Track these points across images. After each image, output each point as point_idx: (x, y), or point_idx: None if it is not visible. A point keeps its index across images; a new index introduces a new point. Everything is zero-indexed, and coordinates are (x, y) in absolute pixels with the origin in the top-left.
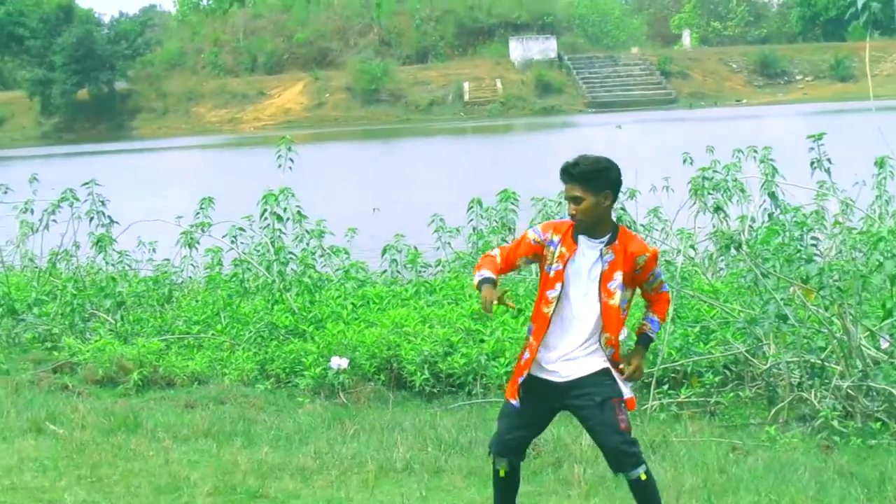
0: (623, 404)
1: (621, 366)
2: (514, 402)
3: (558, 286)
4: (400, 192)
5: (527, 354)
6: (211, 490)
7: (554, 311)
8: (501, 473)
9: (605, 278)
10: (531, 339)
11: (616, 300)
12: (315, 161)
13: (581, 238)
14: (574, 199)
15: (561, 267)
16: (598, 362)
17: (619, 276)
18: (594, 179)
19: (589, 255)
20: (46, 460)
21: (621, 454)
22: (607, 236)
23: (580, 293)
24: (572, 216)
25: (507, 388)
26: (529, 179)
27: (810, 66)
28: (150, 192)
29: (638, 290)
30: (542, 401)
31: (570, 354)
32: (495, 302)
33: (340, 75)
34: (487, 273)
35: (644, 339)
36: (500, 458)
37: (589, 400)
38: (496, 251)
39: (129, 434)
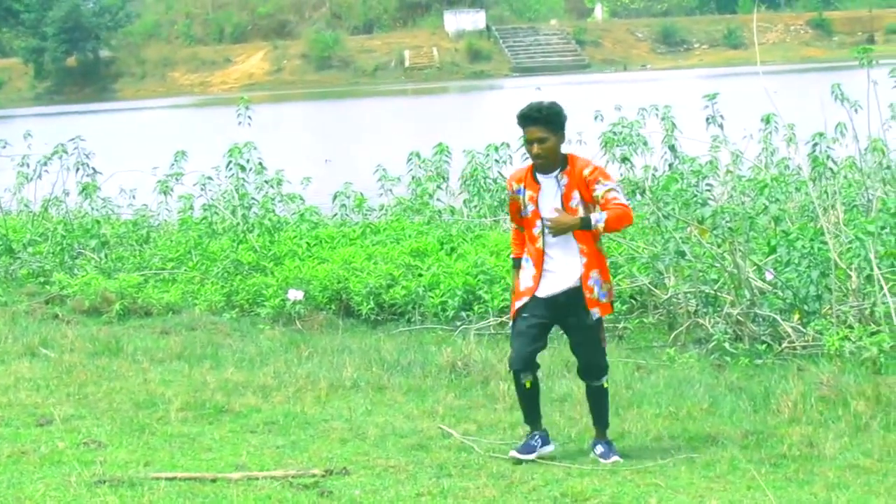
0: (603, 324)
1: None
2: (511, 323)
3: (538, 222)
4: (348, 145)
5: (529, 283)
6: (183, 405)
7: (543, 242)
8: (527, 385)
9: (565, 199)
10: (532, 269)
11: (580, 216)
12: (275, 119)
13: (539, 176)
14: (540, 140)
15: (534, 206)
16: (604, 290)
17: (576, 195)
18: (556, 120)
19: (549, 187)
20: (39, 380)
21: (596, 367)
22: (559, 168)
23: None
24: (537, 156)
25: (511, 313)
26: (461, 134)
27: (706, 35)
28: (130, 147)
29: None
30: (542, 317)
31: (564, 274)
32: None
33: (297, 44)
34: (514, 254)
35: (584, 218)
36: (524, 373)
37: (580, 319)
38: (512, 225)
39: (112, 357)
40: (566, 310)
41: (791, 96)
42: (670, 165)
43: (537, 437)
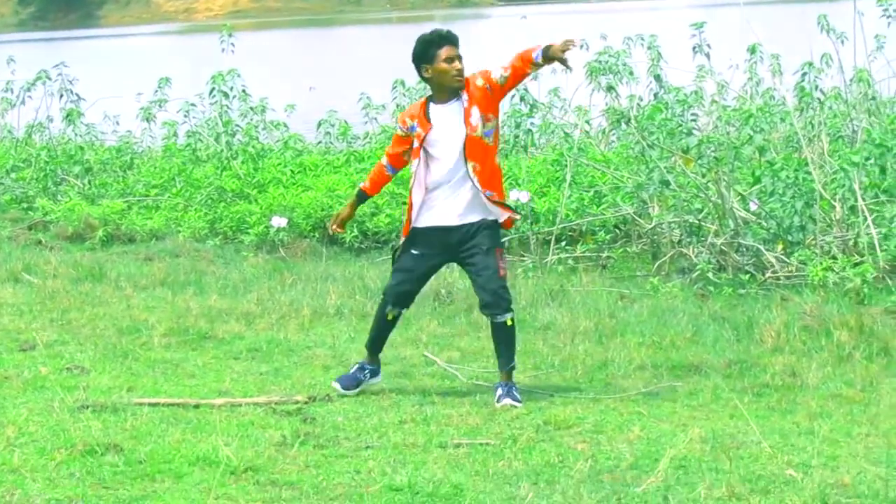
0: (504, 255)
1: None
2: (403, 246)
3: (416, 161)
4: (333, 73)
5: (418, 212)
6: (166, 331)
7: (428, 178)
8: (390, 318)
9: (466, 114)
10: (421, 201)
11: (479, 132)
12: (259, 47)
13: (437, 108)
14: (459, 58)
15: (418, 144)
16: (483, 211)
17: (475, 111)
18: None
19: (449, 113)
20: (23, 305)
21: (498, 297)
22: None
23: (448, 151)
24: (460, 72)
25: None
26: None
27: None
28: (114, 73)
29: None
30: (435, 255)
31: (453, 205)
32: (335, 226)
33: None
34: (362, 186)
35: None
36: (393, 306)
37: (477, 248)
38: (384, 158)
39: (95, 283)
40: (459, 244)
41: (777, 27)
42: (655, 95)
43: (367, 370)
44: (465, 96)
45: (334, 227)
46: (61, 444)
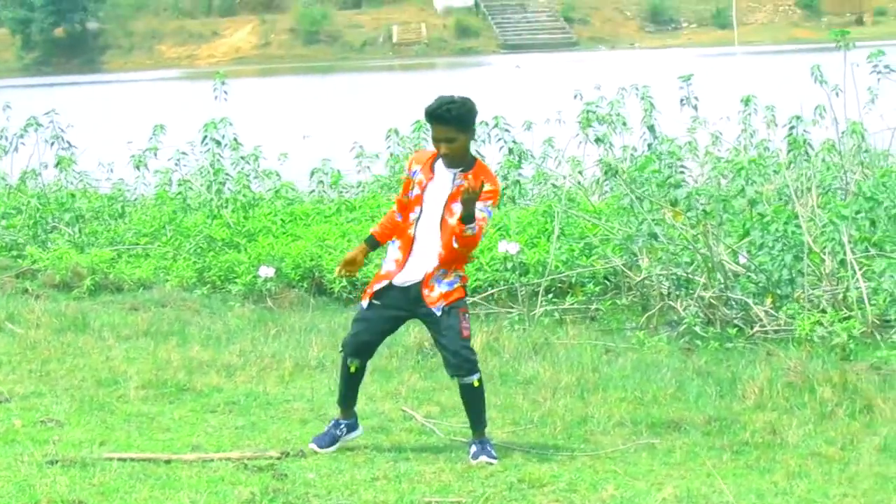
0: (467, 315)
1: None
2: (364, 303)
3: (417, 209)
4: (330, 121)
5: (391, 267)
6: (144, 383)
7: (416, 230)
8: (352, 370)
9: (451, 199)
10: (398, 254)
11: (455, 219)
12: (259, 93)
13: (439, 167)
14: (448, 140)
15: (419, 192)
16: (451, 279)
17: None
18: (467, 118)
19: (443, 179)
20: (2, 356)
21: (462, 358)
22: (463, 167)
23: (434, 214)
24: (444, 155)
25: (364, 292)
26: None
27: (695, 14)
28: (115, 119)
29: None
30: (395, 308)
31: (422, 266)
32: (344, 269)
33: (285, 18)
34: (372, 231)
35: (472, 213)
36: (353, 358)
37: (430, 312)
38: (395, 205)
39: (78, 333)
40: (417, 302)
41: (776, 78)
42: (649, 146)
43: (343, 425)
44: (461, 180)
45: (340, 269)
46: (26, 500)
